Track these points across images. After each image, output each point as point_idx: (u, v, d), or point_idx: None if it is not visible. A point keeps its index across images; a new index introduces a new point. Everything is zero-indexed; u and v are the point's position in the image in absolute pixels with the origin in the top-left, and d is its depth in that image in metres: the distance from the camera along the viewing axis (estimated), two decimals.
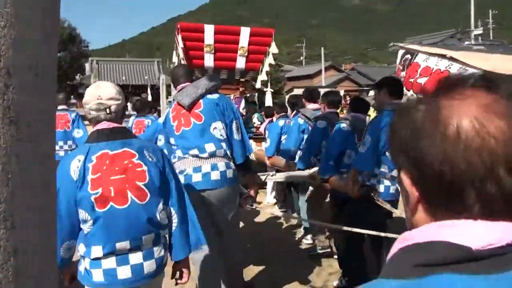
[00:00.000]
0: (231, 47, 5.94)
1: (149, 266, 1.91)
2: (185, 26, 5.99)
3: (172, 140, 3.12)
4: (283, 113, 5.93)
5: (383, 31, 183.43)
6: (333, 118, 4.29)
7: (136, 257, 1.89)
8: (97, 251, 1.85)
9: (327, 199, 4.47)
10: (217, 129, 3.03)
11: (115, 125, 1.98)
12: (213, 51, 5.88)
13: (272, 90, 6.76)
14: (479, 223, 0.55)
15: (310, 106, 4.95)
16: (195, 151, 2.97)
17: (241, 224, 4.38)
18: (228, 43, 5.94)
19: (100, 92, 1.96)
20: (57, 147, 5.31)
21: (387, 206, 3.13)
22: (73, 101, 34.17)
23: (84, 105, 2.02)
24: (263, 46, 6.03)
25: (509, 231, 0.55)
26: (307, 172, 4.31)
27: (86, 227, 1.87)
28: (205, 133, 3.01)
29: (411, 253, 0.58)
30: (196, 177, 2.95)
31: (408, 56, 3.69)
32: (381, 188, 3.26)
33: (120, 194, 1.85)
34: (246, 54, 5.94)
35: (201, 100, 3.04)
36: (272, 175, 4.66)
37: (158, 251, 1.97)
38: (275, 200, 6.57)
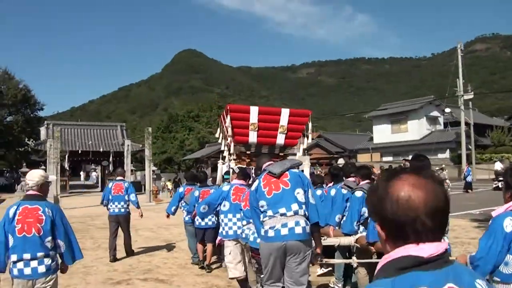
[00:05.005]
0: (272, 126, 6.72)
1: (41, 269, 3.48)
2: (233, 107, 6.74)
3: (262, 203, 3.87)
4: (319, 184, 6.48)
5: (329, 102, 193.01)
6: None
7: (34, 263, 3.45)
8: (14, 257, 3.45)
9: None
10: (300, 194, 3.87)
11: (35, 193, 3.62)
12: (256, 129, 6.61)
13: (310, 164, 7.43)
14: (421, 245, 0.98)
15: (350, 179, 5.50)
16: (283, 210, 3.77)
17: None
18: (270, 122, 6.72)
19: (27, 177, 3.66)
20: (114, 206, 8.15)
21: None
22: (25, 169, 30.22)
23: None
24: (300, 125, 6.88)
25: (438, 247, 0.98)
26: (353, 238, 4.86)
27: (10, 244, 3.45)
28: (291, 195, 3.83)
29: (393, 263, 0.99)
30: (284, 231, 3.72)
31: None
32: None
33: (29, 229, 3.45)
34: (285, 132, 6.73)
35: (287, 172, 3.92)
36: (323, 239, 5.00)
37: (47, 261, 3.51)
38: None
